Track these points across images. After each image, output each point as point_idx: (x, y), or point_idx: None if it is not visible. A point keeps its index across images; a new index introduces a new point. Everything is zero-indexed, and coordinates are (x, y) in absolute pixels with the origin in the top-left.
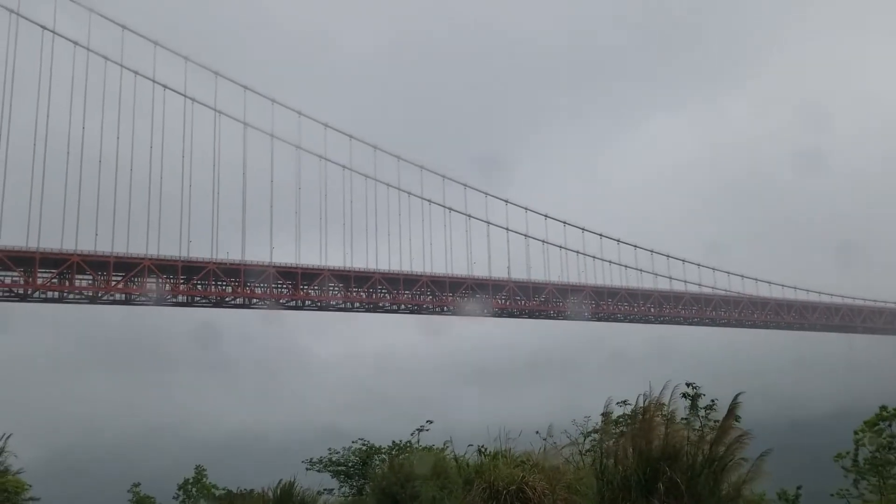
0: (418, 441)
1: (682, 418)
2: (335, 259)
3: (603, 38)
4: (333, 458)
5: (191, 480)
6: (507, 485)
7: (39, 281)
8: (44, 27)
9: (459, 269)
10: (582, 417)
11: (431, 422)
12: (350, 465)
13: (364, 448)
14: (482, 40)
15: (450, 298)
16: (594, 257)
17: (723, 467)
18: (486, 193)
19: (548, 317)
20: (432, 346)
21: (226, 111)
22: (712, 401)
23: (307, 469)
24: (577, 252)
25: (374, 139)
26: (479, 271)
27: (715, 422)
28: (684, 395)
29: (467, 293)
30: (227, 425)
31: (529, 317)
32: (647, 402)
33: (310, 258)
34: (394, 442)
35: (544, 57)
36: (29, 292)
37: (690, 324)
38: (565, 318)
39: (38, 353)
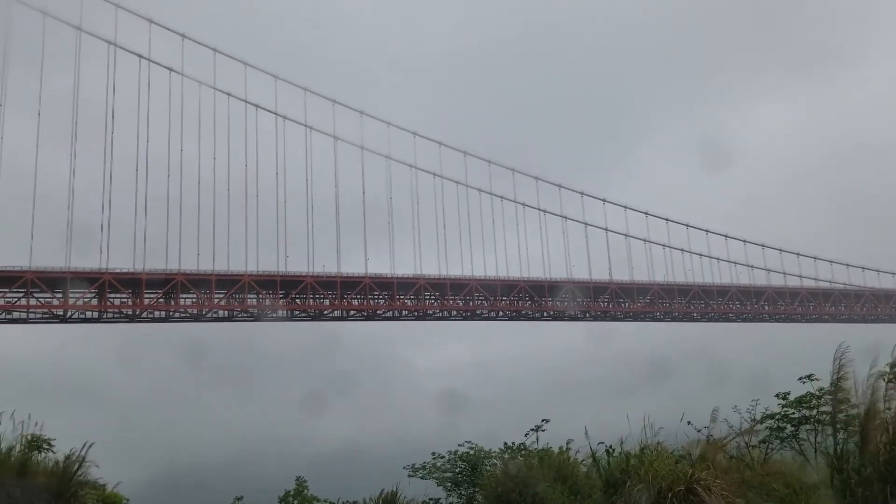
0: (536, 441)
1: None
2: (430, 268)
3: (697, 23)
4: (438, 464)
5: (291, 493)
6: (672, 484)
7: (146, 301)
8: (140, 56)
9: (558, 272)
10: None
11: (548, 420)
12: (457, 471)
13: (472, 452)
14: (568, 34)
15: (549, 303)
16: (701, 255)
17: None
18: (583, 193)
19: (654, 319)
20: (533, 353)
21: (316, 126)
22: None
23: (409, 476)
24: (682, 250)
25: (464, 144)
26: (579, 274)
27: None
28: None
29: (567, 297)
30: (330, 438)
31: (634, 319)
32: None
33: (404, 268)
34: (506, 444)
35: (634, 49)
36: (137, 313)
37: (808, 321)
38: (673, 319)
39: (141, 372)
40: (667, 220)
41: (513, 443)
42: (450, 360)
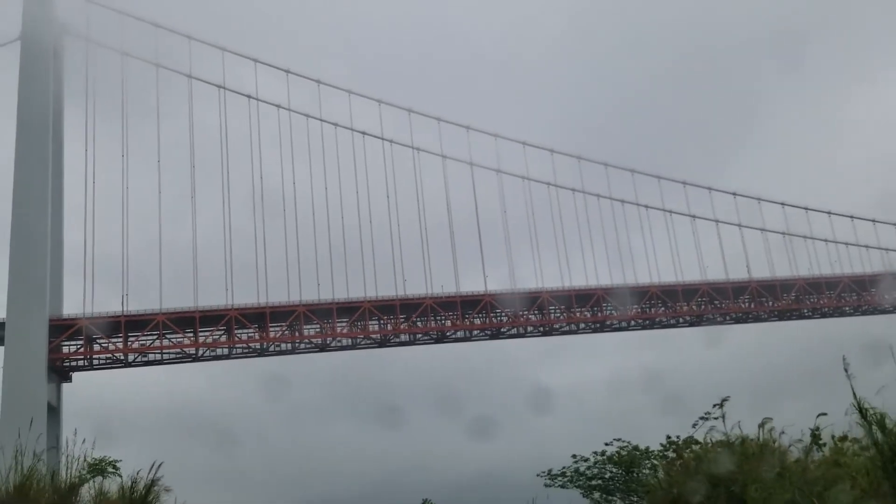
0: (720, 424)
1: None
2: (552, 280)
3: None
4: (581, 469)
5: None
6: None
7: (271, 334)
8: (249, 96)
9: (691, 274)
10: None
11: (728, 398)
12: (608, 476)
13: (624, 452)
14: (670, 13)
15: (684, 308)
16: (847, 244)
17: None
18: (710, 188)
19: (801, 316)
20: (669, 363)
21: (422, 146)
22: None
23: (545, 485)
24: (826, 240)
25: (577, 149)
26: (714, 274)
27: None
28: None
29: (703, 300)
30: (465, 464)
31: (779, 319)
32: None
33: (525, 282)
34: (668, 438)
35: (748, 27)
36: (265, 346)
37: None
38: (823, 315)
39: (273, 406)
40: (806, 209)
41: (677, 436)
42: (582, 376)
